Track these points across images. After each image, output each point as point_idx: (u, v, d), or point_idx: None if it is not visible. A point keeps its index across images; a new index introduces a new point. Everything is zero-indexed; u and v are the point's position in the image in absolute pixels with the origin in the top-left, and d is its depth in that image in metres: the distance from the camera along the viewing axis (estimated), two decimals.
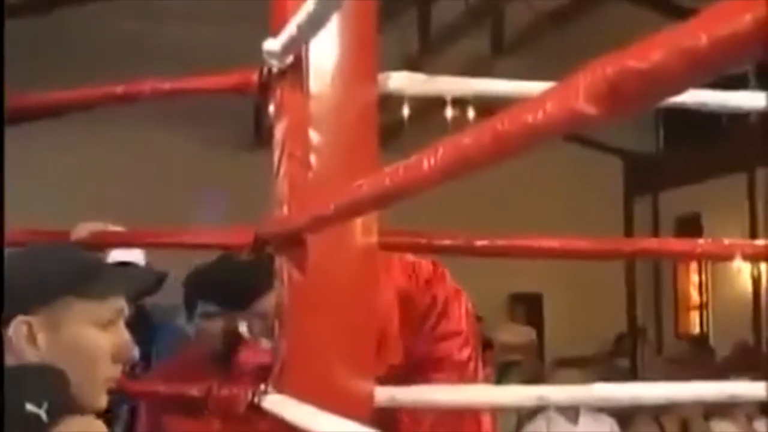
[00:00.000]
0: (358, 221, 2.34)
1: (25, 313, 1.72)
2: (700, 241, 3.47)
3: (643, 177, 12.81)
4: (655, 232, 12.36)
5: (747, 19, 0.68)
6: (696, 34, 0.75)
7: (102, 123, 7.96)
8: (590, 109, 0.89)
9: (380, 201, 1.75)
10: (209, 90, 2.76)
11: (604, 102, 0.88)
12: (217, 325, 3.15)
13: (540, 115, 0.99)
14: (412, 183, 1.50)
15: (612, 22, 8.45)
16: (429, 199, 2.30)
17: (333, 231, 2.22)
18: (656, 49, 0.80)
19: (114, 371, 1.80)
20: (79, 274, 1.78)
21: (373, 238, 2.43)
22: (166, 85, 2.75)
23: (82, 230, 2.70)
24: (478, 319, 3.87)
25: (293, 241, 2.29)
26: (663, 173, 12.33)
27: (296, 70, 2.40)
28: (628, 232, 12.64)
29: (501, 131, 1.11)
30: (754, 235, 10.33)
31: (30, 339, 1.72)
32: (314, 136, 2.39)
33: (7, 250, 1.85)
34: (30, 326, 1.72)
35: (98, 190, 9.86)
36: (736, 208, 11.16)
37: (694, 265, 12.53)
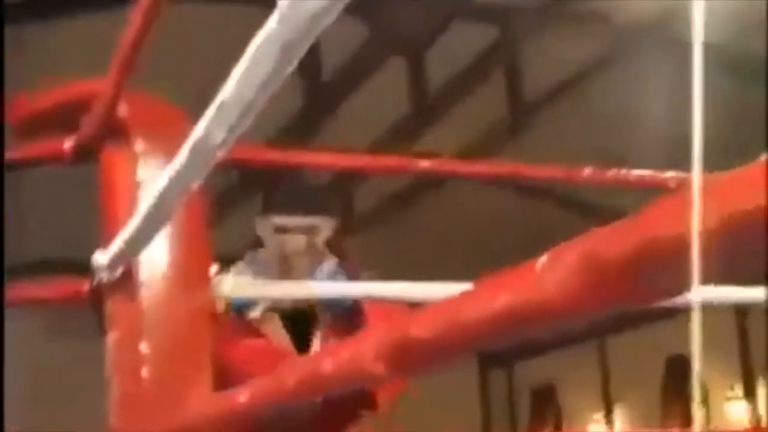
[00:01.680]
0: None
1: None
2: None
3: (497, 348, 12.90)
4: (511, 404, 12.42)
5: (506, 300, 0.71)
6: (466, 308, 0.77)
7: None
8: (379, 368, 0.90)
9: (206, 427, 1.73)
10: (50, 299, 2.93)
11: (392, 363, 0.89)
12: None
13: (333, 366, 1.00)
14: (231, 413, 1.49)
15: (452, 201, 8.72)
16: None
17: None
18: (435, 319, 0.81)
19: None
20: None
21: None
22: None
23: None
24: None
25: None
26: (516, 344, 12.46)
27: (126, 281, 2.37)
28: (484, 404, 12.68)
29: (302, 375, 1.12)
30: (607, 403, 10.47)
31: None
32: (145, 347, 2.35)
33: None
34: None
35: None
36: (589, 376, 11.33)
37: None
